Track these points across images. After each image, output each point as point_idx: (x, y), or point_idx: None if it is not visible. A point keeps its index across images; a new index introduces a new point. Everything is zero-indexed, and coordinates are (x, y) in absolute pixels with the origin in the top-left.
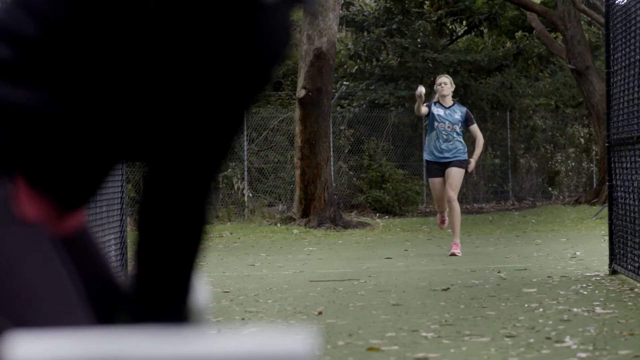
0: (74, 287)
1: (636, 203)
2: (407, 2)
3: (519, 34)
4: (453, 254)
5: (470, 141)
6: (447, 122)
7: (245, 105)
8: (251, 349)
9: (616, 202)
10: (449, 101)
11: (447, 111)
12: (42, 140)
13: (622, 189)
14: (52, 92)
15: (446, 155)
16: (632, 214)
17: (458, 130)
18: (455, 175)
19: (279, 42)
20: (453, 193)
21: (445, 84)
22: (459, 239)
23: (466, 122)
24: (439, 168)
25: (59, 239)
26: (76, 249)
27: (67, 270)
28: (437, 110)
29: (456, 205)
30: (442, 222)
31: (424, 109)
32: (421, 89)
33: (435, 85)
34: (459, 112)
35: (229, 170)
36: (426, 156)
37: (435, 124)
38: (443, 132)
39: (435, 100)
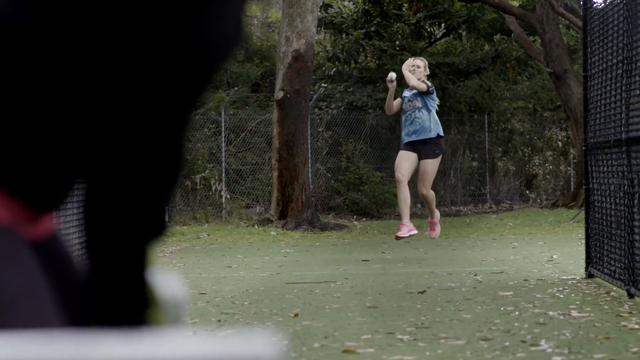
0: (47, 290)
1: (612, 207)
2: (385, 5)
3: (497, 37)
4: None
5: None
6: (409, 102)
7: (188, 105)
8: (216, 352)
9: (593, 206)
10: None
11: (413, 91)
12: (6, 141)
13: (599, 192)
14: (12, 92)
15: (413, 137)
16: (608, 218)
17: (419, 104)
18: (430, 170)
19: (226, 37)
20: (425, 190)
21: (419, 67)
22: (436, 217)
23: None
24: (410, 147)
25: (30, 242)
26: (47, 253)
27: (40, 273)
28: (405, 93)
29: (428, 194)
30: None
31: (395, 104)
32: (392, 75)
33: (407, 66)
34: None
35: (207, 171)
36: (405, 139)
37: (403, 106)
38: (408, 113)
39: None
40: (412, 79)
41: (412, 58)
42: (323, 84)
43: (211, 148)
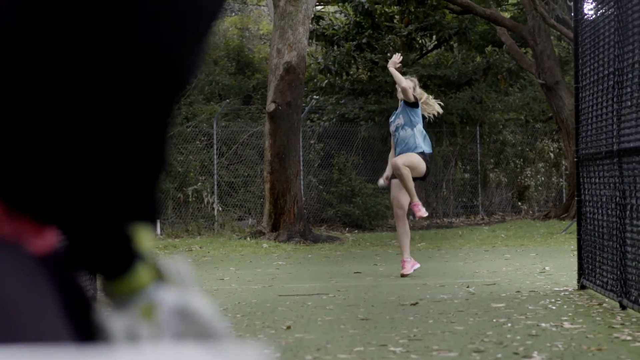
0: (56, 305)
1: (604, 218)
2: (377, 17)
3: (488, 48)
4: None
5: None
6: (394, 123)
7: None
8: None
9: (585, 217)
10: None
11: (397, 112)
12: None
13: (591, 203)
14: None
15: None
16: (600, 229)
17: (402, 122)
18: (415, 158)
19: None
20: (400, 211)
21: (403, 87)
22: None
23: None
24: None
25: (36, 257)
26: (52, 267)
27: (48, 289)
28: (391, 118)
29: (400, 223)
30: (418, 210)
31: (410, 87)
32: (396, 56)
33: (393, 63)
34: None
35: (199, 184)
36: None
37: (390, 129)
38: (395, 134)
39: None
40: (402, 80)
41: (398, 55)
42: (315, 96)
43: (203, 160)
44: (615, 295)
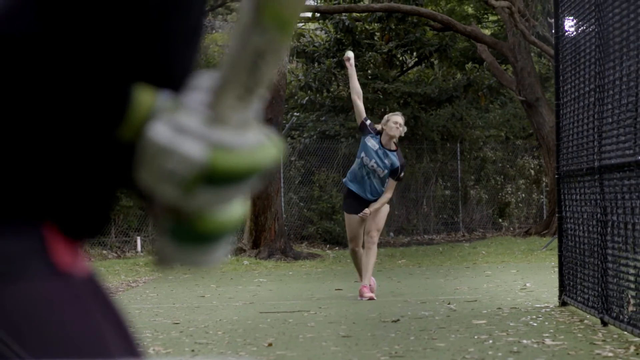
0: (111, 334)
1: (585, 235)
2: (357, 34)
3: (469, 65)
4: (369, 297)
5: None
6: (375, 163)
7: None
8: None
9: (566, 234)
10: (392, 145)
11: (383, 151)
12: (57, 177)
13: (572, 220)
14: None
15: (374, 197)
16: (581, 246)
17: (381, 175)
18: (383, 214)
19: None
20: (376, 234)
21: (401, 125)
22: (369, 279)
23: (392, 173)
24: (360, 206)
25: (84, 281)
26: (94, 287)
27: (104, 317)
28: (373, 144)
29: (375, 247)
30: (370, 290)
31: (356, 87)
32: (349, 53)
33: (386, 122)
34: (394, 161)
35: None
36: (351, 185)
37: (364, 159)
38: (367, 171)
39: (377, 131)
40: (361, 112)
41: (392, 114)
42: (295, 113)
43: None
44: (597, 311)
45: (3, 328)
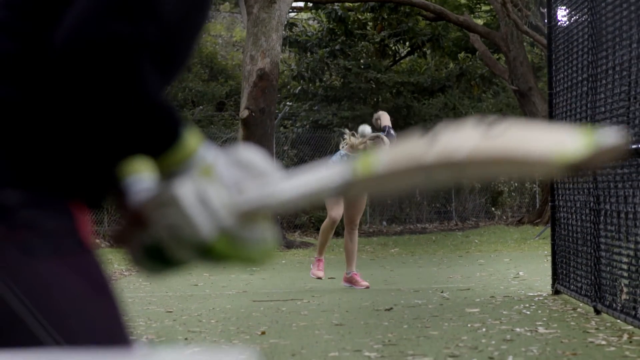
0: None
1: (578, 223)
2: (350, 24)
3: (461, 55)
4: (365, 286)
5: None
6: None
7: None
8: None
9: (559, 223)
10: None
11: (348, 156)
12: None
13: (565, 209)
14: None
15: None
16: (574, 234)
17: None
18: (363, 203)
19: None
20: (358, 220)
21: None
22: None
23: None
24: None
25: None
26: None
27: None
28: (336, 159)
29: (357, 233)
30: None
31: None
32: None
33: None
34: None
35: None
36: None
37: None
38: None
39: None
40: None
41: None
42: (288, 103)
43: None
44: (590, 300)
45: (32, 299)
